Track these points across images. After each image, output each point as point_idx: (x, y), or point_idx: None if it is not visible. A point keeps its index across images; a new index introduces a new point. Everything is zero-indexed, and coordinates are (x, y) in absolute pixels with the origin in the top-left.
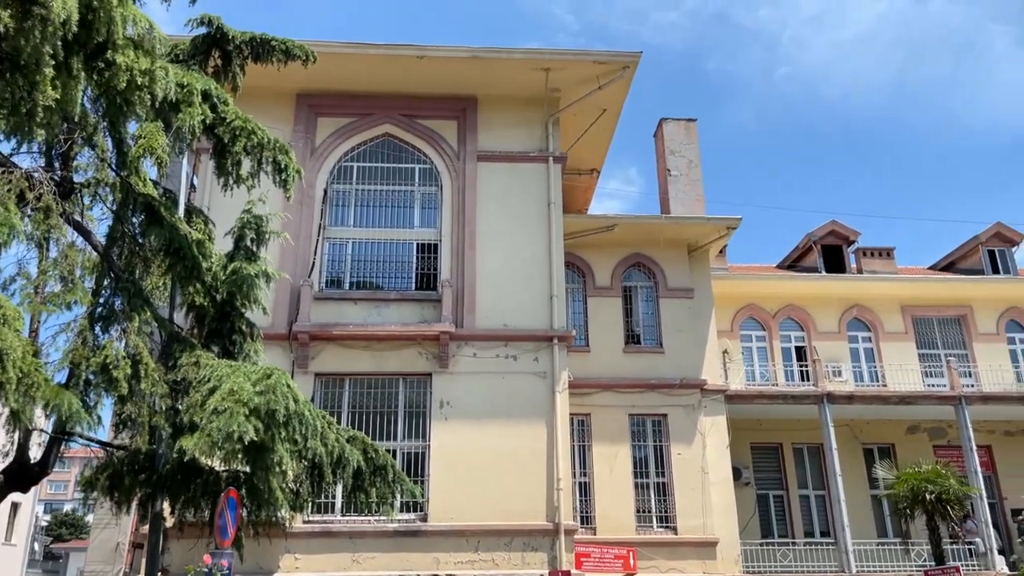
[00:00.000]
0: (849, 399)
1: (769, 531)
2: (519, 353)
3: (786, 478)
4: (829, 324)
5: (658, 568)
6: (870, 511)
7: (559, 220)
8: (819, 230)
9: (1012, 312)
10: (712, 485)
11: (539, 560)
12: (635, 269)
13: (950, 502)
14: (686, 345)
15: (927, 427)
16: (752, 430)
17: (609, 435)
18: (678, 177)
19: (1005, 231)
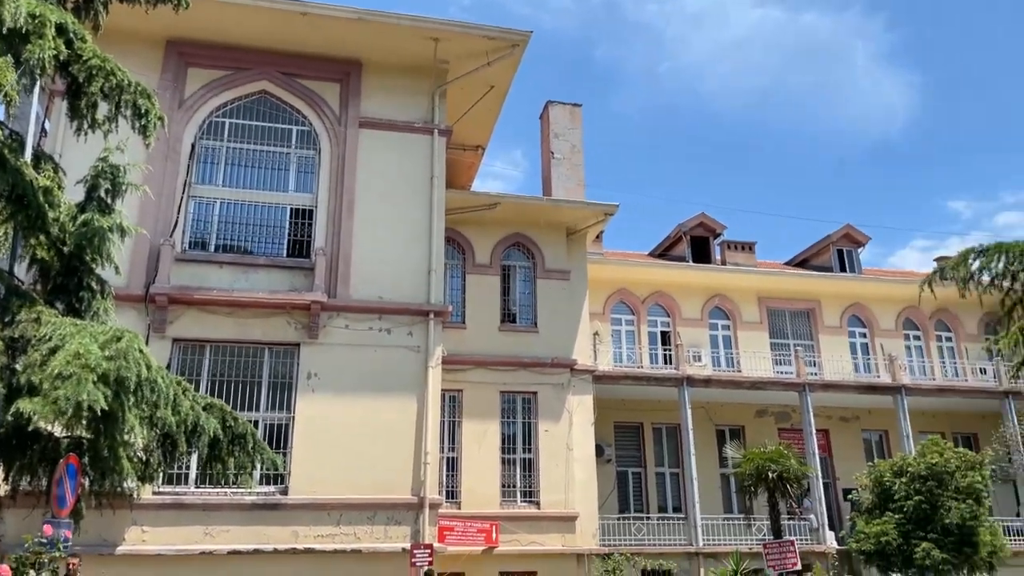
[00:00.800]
0: (706, 383)
1: (626, 506)
2: (393, 326)
3: (645, 456)
4: (693, 311)
5: (519, 541)
6: (719, 488)
7: (441, 194)
8: (689, 222)
9: (854, 308)
10: (576, 462)
11: (402, 534)
12: (515, 249)
13: (790, 481)
14: (560, 326)
15: (774, 411)
16: (616, 409)
17: (480, 411)
18: (561, 161)
19: (854, 233)
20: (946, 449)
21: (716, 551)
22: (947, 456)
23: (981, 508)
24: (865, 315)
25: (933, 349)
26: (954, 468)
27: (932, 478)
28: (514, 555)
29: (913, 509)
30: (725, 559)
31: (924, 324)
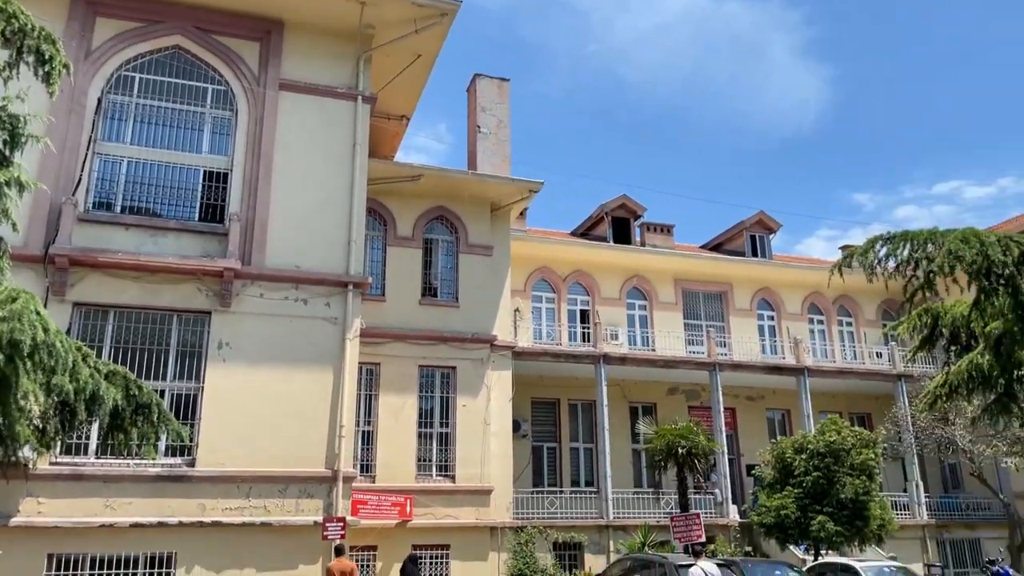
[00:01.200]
0: (622, 361)
1: (540, 480)
2: (310, 297)
3: (560, 431)
4: (612, 291)
5: (434, 515)
6: (630, 463)
7: (364, 163)
8: (611, 202)
9: (764, 292)
10: (493, 436)
11: (314, 507)
12: (438, 222)
13: (698, 456)
14: (481, 301)
15: (685, 389)
16: (534, 386)
17: (398, 385)
18: (487, 135)
19: (766, 219)
20: (843, 428)
21: (626, 524)
22: (844, 434)
23: (873, 484)
24: (774, 299)
25: (835, 333)
26: (850, 446)
27: (830, 455)
28: (428, 528)
29: (811, 484)
30: (634, 532)
31: (827, 309)
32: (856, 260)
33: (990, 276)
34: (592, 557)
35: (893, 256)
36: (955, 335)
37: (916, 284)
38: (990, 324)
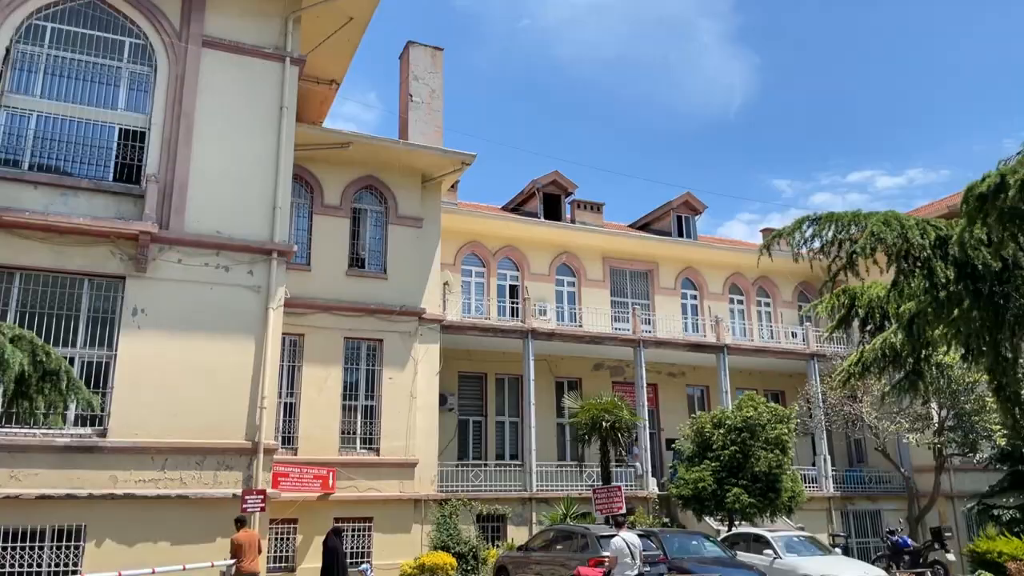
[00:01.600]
0: (550, 336)
1: (465, 454)
2: (232, 264)
3: (487, 405)
4: (541, 267)
5: (356, 488)
6: (555, 437)
7: (291, 127)
8: (543, 179)
9: (688, 272)
10: (419, 410)
11: (233, 480)
12: (367, 192)
13: (621, 430)
14: (410, 273)
15: (610, 365)
16: (462, 359)
17: (322, 357)
18: (419, 104)
19: (693, 201)
20: (760, 404)
21: (549, 496)
22: (760, 410)
23: (786, 458)
24: (697, 279)
25: (753, 313)
26: (765, 421)
27: (746, 430)
28: (351, 501)
29: (728, 458)
30: (557, 504)
31: (747, 290)
32: (784, 239)
33: (908, 258)
34: (515, 529)
35: (819, 237)
36: (870, 315)
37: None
38: (904, 305)
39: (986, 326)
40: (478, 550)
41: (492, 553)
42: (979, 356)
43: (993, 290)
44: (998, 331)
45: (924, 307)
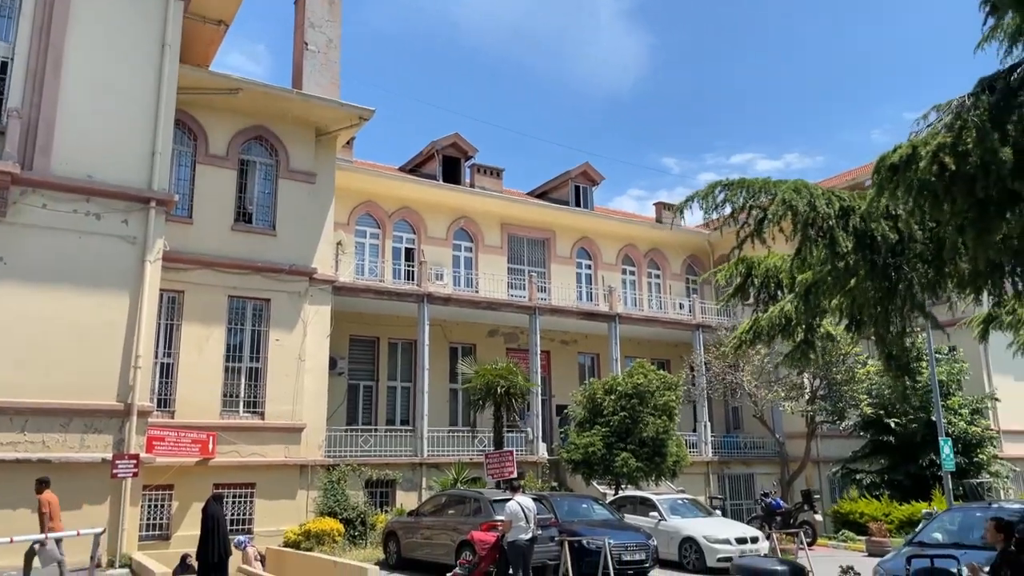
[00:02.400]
0: (446, 301)
1: (355, 419)
2: (105, 211)
3: (378, 370)
4: (439, 231)
5: (239, 453)
6: (447, 403)
7: (173, 67)
8: (443, 140)
9: (584, 242)
10: (307, 373)
11: (103, 443)
12: (256, 143)
13: (516, 396)
14: (301, 231)
15: (505, 331)
16: (354, 322)
17: (203, 316)
18: (315, 54)
19: (591, 171)
20: (649, 371)
21: (440, 462)
22: (650, 378)
23: (672, 424)
24: (592, 248)
25: (644, 284)
26: (655, 388)
27: (636, 396)
28: (232, 467)
29: (618, 423)
30: (448, 469)
31: (639, 261)
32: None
33: (813, 227)
34: (404, 494)
35: (730, 202)
36: (764, 285)
37: (747, 231)
38: (802, 275)
39: (879, 297)
40: (367, 516)
41: (381, 519)
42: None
43: (887, 262)
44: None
45: (821, 277)
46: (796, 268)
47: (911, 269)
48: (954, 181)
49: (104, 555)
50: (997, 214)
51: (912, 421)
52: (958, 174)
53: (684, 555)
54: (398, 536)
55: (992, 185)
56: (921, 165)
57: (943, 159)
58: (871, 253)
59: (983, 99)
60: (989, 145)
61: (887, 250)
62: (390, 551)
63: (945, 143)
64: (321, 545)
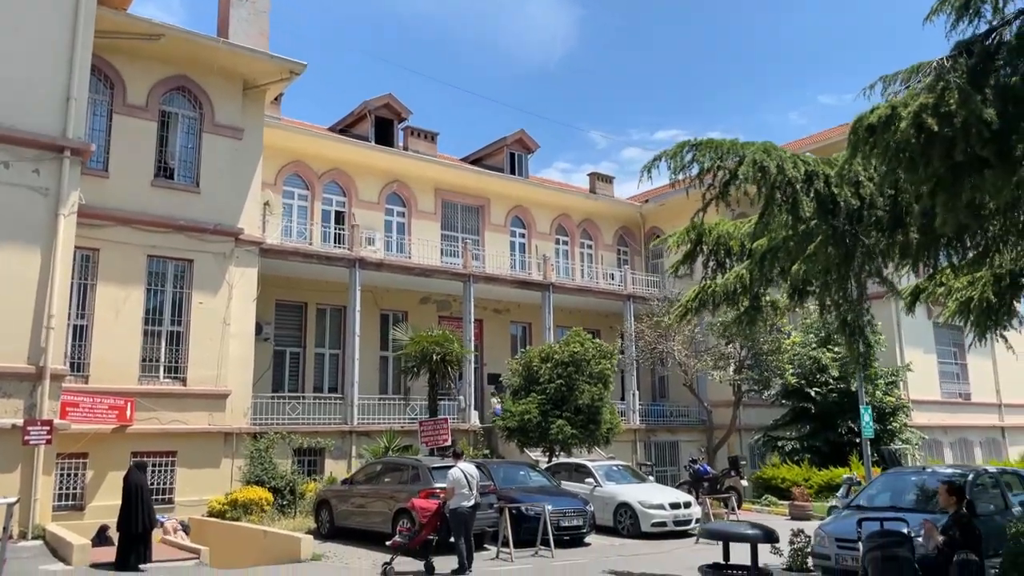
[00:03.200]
0: (378, 266)
1: (281, 386)
2: (14, 159)
3: (305, 336)
4: (370, 194)
5: (159, 419)
6: (377, 370)
7: (90, 7)
8: (375, 100)
9: (518, 210)
10: (232, 338)
11: (12, 408)
12: (179, 94)
13: (451, 363)
14: (226, 189)
15: (437, 299)
16: (280, 287)
17: (121, 276)
18: (243, 3)
19: (526, 139)
20: (586, 340)
21: (370, 430)
22: (586, 346)
23: (607, 392)
24: (526, 217)
25: (577, 254)
26: (591, 356)
27: (572, 364)
28: (152, 434)
29: (554, 391)
30: (379, 437)
31: (572, 231)
32: (665, 161)
33: (780, 189)
34: (334, 463)
35: (697, 162)
36: (714, 252)
37: (713, 193)
38: (758, 241)
39: (836, 262)
40: (296, 484)
41: (311, 487)
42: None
43: (845, 229)
44: (847, 267)
45: (778, 243)
46: (760, 232)
47: (866, 236)
48: (932, 143)
49: (16, 526)
50: (968, 178)
51: (832, 391)
52: (937, 136)
53: (619, 520)
54: (331, 505)
55: (971, 148)
56: (901, 126)
57: (925, 120)
58: (832, 219)
59: (961, 62)
60: (973, 107)
61: (846, 216)
62: (322, 520)
63: (927, 104)
64: (249, 515)
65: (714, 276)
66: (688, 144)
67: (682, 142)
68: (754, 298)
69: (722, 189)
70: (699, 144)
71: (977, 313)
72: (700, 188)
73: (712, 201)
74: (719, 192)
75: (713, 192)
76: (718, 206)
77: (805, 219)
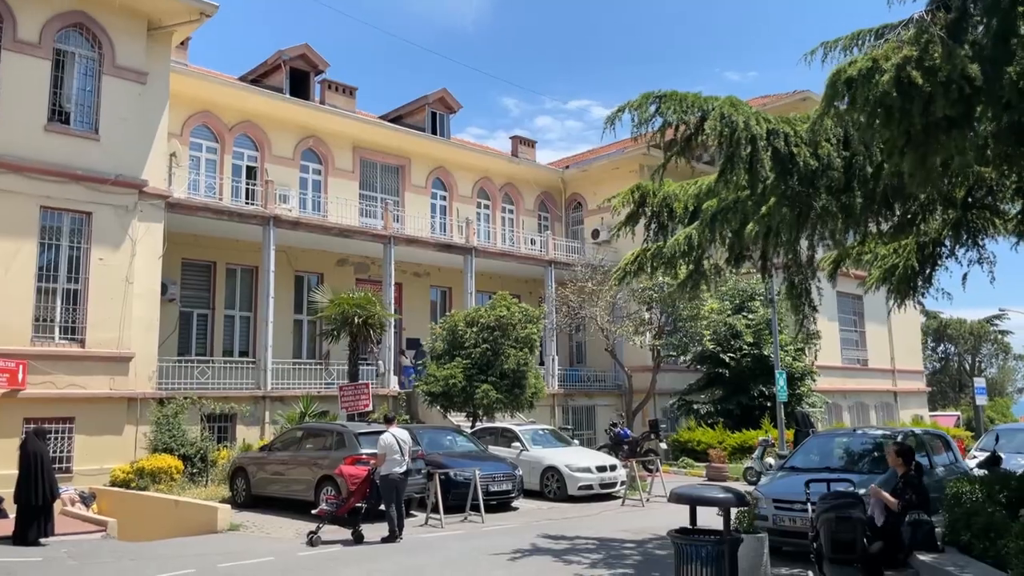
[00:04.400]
0: (295, 225)
1: (187, 349)
2: None
3: (214, 297)
4: (284, 149)
5: (55, 384)
6: (291, 333)
7: None
8: (291, 51)
9: (440, 171)
10: (136, 298)
11: None
12: (75, 31)
13: (374, 326)
14: (129, 137)
15: (355, 261)
16: (187, 245)
17: (10, 228)
18: None
19: (448, 98)
20: (512, 304)
21: (284, 395)
22: (513, 310)
23: (532, 356)
24: (448, 179)
25: (498, 219)
26: (517, 321)
27: (498, 329)
28: (47, 399)
29: (480, 356)
30: (294, 403)
31: (494, 195)
32: (628, 112)
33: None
34: (246, 429)
35: (661, 115)
36: (657, 215)
37: (676, 148)
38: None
39: (790, 223)
40: (207, 452)
41: (223, 454)
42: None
43: (799, 190)
44: (801, 229)
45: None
46: (718, 190)
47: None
48: (911, 98)
49: None
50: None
51: (745, 356)
52: (918, 90)
53: (546, 484)
54: (247, 472)
55: (951, 104)
56: (884, 79)
57: (908, 73)
58: (788, 179)
59: (940, 16)
60: (957, 62)
61: (801, 178)
62: (238, 488)
63: (910, 56)
64: (157, 484)
65: (655, 239)
66: (652, 96)
67: (646, 93)
68: (697, 261)
69: (683, 144)
70: (663, 96)
71: (898, 280)
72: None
73: (672, 157)
74: (680, 148)
75: (677, 147)
76: (677, 162)
77: (762, 179)
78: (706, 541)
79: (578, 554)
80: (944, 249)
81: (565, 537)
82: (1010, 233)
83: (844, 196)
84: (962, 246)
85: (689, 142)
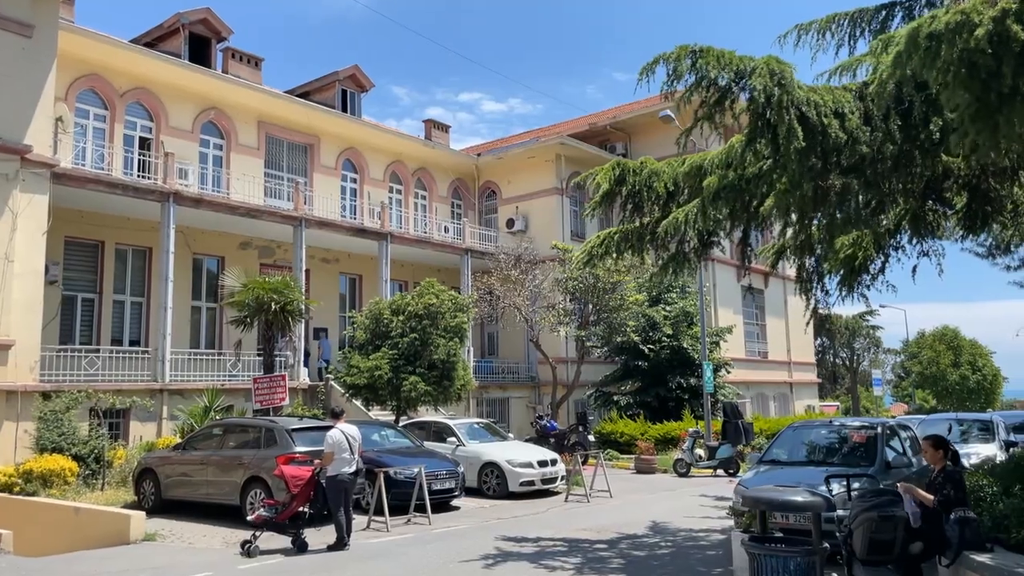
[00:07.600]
0: (197, 203)
1: (70, 337)
2: None
3: (102, 281)
4: (183, 121)
5: None
6: (189, 321)
7: None
8: (191, 13)
9: (350, 152)
10: (16, 278)
11: None
12: None
13: (292, 314)
14: (10, 97)
15: (259, 244)
16: (71, 221)
17: None
18: None
19: (360, 76)
20: (441, 292)
21: (185, 388)
22: (442, 298)
23: (461, 346)
24: (359, 161)
25: (411, 204)
26: (446, 309)
27: (427, 317)
28: None
29: (407, 346)
30: (195, 396)
31: (407, 180)
32: (663, 64)
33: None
34: (140, 425)
35: (696, 70)
36: (633, 194)
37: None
38: (708, 180)
39: (808, 201)
40: (102, 451)
41: (120, 454)
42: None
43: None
44: (817, 209)
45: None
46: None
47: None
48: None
49: None
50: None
51: (664, 348)
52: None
53: (484, 481)
54: (156, 474)
55: None
56: (978, 33)
57: (1008, 27)
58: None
59: None
60: None
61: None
62: (145, 492)
63: (1009, 9)
64: (49, 488)
65: (631, 219)
66: (689, 50)
67: (683, 46)
68: (679, 243)
69: (712, 106)
70: (702, 51)
71: (847, 271)
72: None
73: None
74: (708, 111)
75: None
76: (702, 128)
77: (794, 150)
78: (794, 551)
79: (553, 558)
80: (899, 240)
81: (527, 539)
82: (956, 227)
83: (868, 172)
84: (920, 239)
85: (720, 103)
